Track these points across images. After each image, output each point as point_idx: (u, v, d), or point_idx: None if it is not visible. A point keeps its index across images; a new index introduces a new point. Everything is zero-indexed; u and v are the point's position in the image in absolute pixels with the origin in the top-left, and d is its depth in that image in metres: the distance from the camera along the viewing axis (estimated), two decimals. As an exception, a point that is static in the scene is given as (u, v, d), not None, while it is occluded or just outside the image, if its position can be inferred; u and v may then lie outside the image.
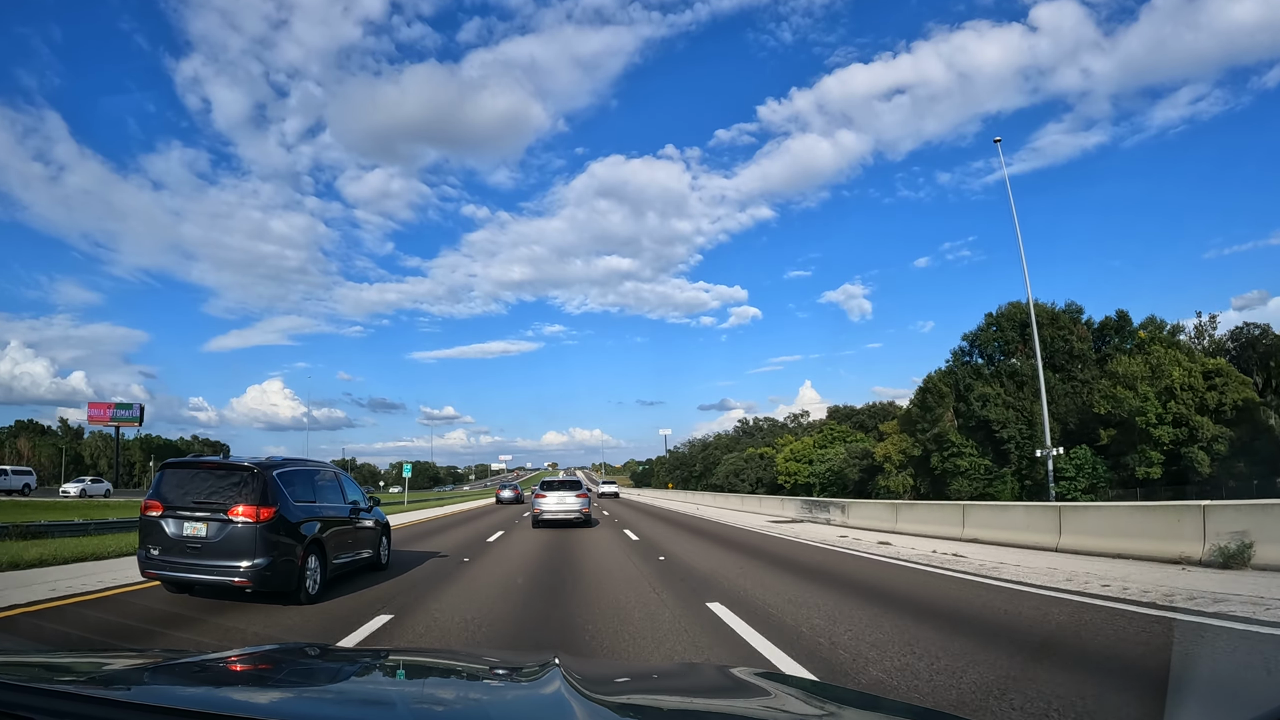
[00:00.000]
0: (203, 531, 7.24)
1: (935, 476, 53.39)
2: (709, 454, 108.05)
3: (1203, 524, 9.44)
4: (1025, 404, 48.66)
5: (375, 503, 10.44)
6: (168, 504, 7.44)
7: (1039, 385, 31.03)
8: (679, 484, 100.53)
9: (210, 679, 1.94)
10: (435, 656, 3.51)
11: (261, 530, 7.13)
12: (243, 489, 7.32)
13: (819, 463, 73.59)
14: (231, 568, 7.08)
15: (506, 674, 2.28)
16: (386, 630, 6.46)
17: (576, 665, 2.27)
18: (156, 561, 7.40)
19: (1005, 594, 8.01)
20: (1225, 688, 4.38)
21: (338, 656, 2.75)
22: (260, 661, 2.36)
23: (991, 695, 4.25)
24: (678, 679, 2.65)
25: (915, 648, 5.49)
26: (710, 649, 5.71)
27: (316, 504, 8.35)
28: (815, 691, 2.27)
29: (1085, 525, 11.75)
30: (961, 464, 51.00)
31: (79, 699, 1.45)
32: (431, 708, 1.87)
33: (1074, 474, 44.80)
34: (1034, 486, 45.79)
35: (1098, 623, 6.28)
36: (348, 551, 8.98)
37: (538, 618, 7.21)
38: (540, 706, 1.84)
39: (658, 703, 2.05)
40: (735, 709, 1.94)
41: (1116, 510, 12.26)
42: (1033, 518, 13.38)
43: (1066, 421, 47.25)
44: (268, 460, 7.79)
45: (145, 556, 7.47)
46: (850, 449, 70.24)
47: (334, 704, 1.84)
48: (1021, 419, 49.02)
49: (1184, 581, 8.05)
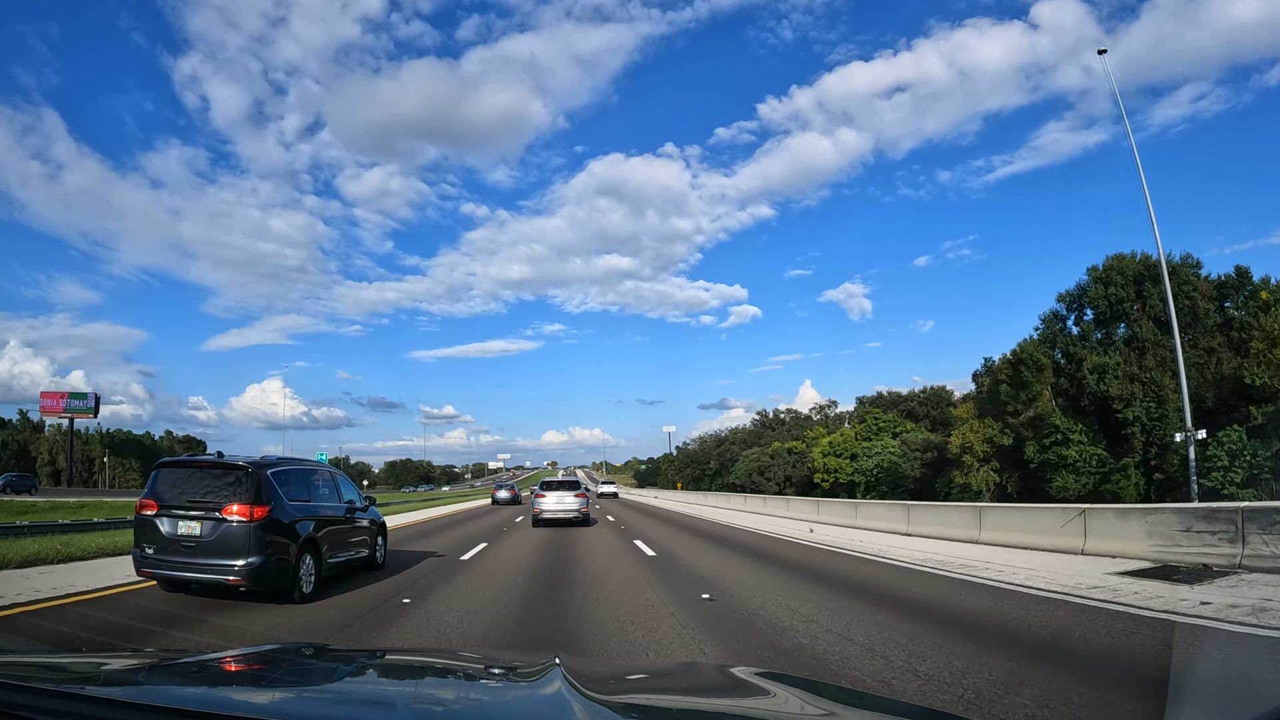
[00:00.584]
0: (197, 530, 7.26)
1: (1029, 471, 43.38)
2: (725, 450, 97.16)
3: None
4: (1150, 376, 39.47)
5: (371, 502, 10.47)
6: (163, 503, 7.47)
7: (1174, 350, 24.97)
8: (690, 483, 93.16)
9: (209, 679, 1.94)
10: (435, 656, 3.50)
11: (255, 529, 7.16)
12: (237, 488, 7.35)
13: (865, 457, 62.56)
14: (225, 566, 7.10)
15: (507, 674, 2.27)
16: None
17: (577, 665, 2.26)
18: (152, 560, 7.44)
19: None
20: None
21: (337, 656, 2.78)
22: (260, 661, 2.35)
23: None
24: (678, 679, 2.64)
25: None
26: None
27: (311, 503, 8.37)
28: (815, 691, 2.29)
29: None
30: (1069, 454, 40.95)
31: (78, 699, 1.45)
32: (431, 708, 1.86)
33: (1227, 463, 34.66)
34: (1165, 481, 38.15)
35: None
36: (343, 551, 9.00)
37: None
38: (541, 706, 1.84)
39: (658, 702, 2.03)
40: (736, 708, 1.93)
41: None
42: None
43: (1201, 398, 37.57)
44: (262, 459, 7.82)
45: (140, 555, 7.51)
46: (907, 440, 59.52)
47: (334, 704, 1.84)
48: (1148, 395, 39.61)
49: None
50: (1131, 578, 8.46)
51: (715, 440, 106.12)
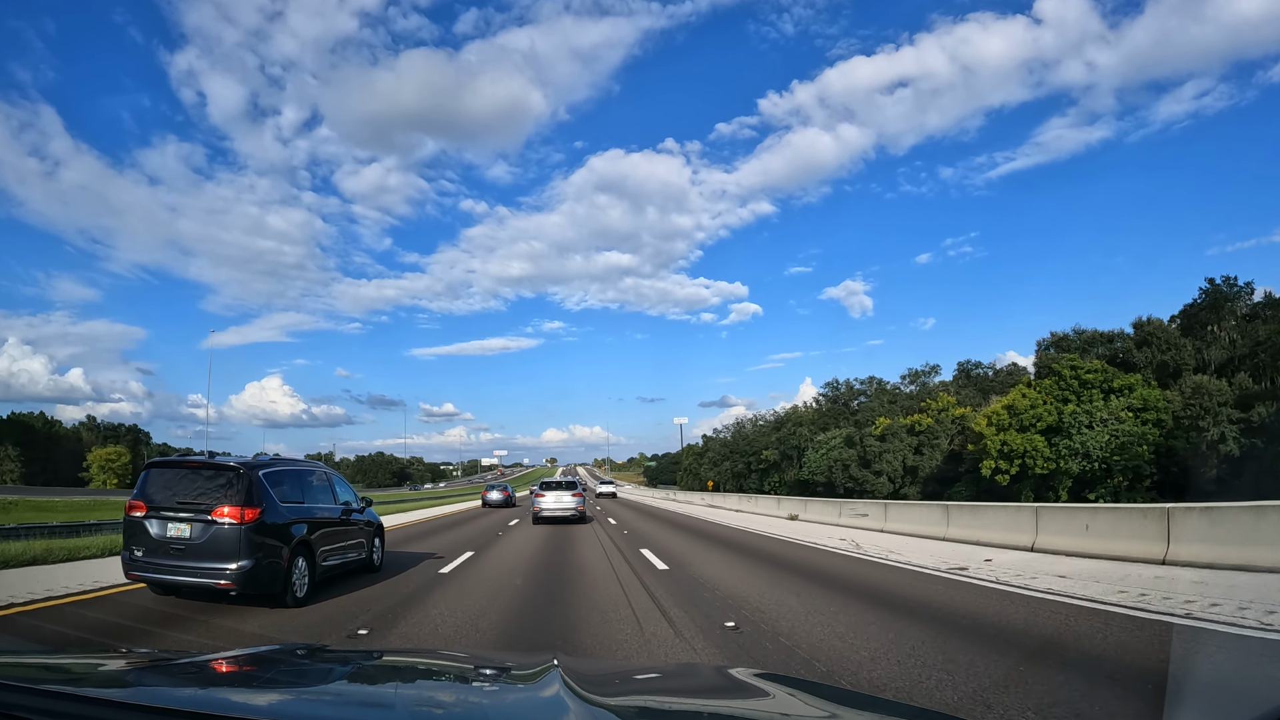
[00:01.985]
0: (186, 533, 7.08)
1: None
2: (787, 435, 70.95)
3: None
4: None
5: (368, 503, 10.29)
6: (152, 504, 7.28)
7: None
8: (727, 481, 72.77)
9: (207, 679, 1.94)
10: (434, 657, 3.47)
11: (246, 531, 6.97)
12: (228, 489, 7.17)
13: (1078, 431, 40.78)
14: (215, 570, 6.92)
15: (505, 675, 2.25)
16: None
17: (575, 666, 2.24)
18: (141, 563, 7.26)
19: None
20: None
21: (335, 657, 2.77)
22: (257, 662, 2.34)
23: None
24: (677, 680, 2.61)
25: None
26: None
27: (305, 505, 8.19)
28: (814, 692, 2.25)
29: None
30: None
31: (75, 699, 1.45)
32: (430, 710, 1.85)
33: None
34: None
35: None
36: (338, 554, 8.82)
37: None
38: (539, 708, 1.82)
39: (657, 704, 2.02)
40: (735, 709, 1.91)
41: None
42: None
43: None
44: (254, 460, 7.65)
45: (129, 558, 7.33)
46: (1139, 401, 38.10)
47: (332, 705, 1.83)
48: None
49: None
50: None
51: (771, 423, 79.37)
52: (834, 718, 1.81)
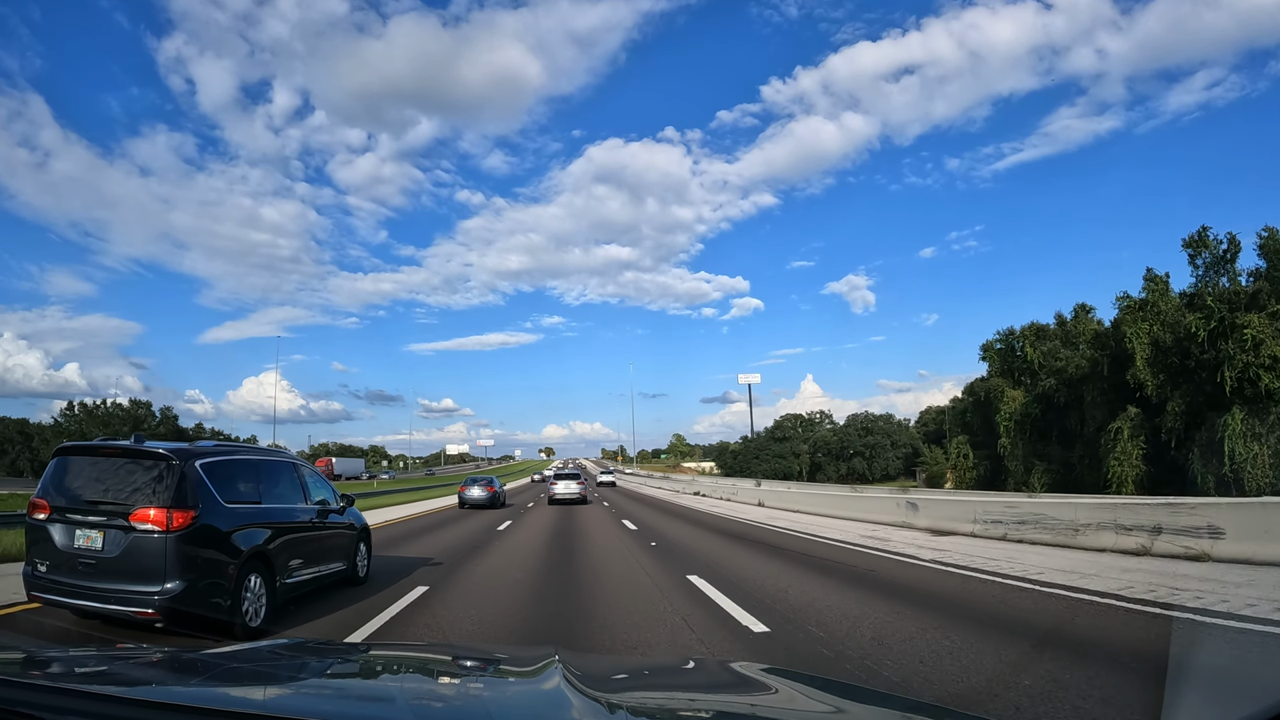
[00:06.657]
0: (98, 543, 5.28)
1: None
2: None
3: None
4: None
5: (349, 502, 8.49)
6: (56, 504, 5.52)
7: None
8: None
9: (210, 675, 1.90)
10: (434, 651, 3.40)
11: (175, 542, 5.16)
12: (154, 485, 5.35)
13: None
14: (133, 594, 5.11)
15: (506, 669, 2.27)
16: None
17: (576, 660, 2.18)
18: (43, 581, 5.50)
19: None
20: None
21: (337, 652, 2.75)
22: (260, 657, 2.30)
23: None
24: (680, 675, 2.54)
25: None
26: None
27: (264, 505, 6.36)
28: (820, 687, 2.12)
29: None
30: None
31: (78, 695, 1.44)
32: (431, 703, 1.84)
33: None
34: None
35: None
36: (309, 566, 7.01)
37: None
38: (540, 702, 1.80)
39: (659, 699, 1.97)
40: (740, 705, 1.89)
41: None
42: None
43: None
44: (192, 447, 5.80)
45: (31, 574, 5.58)
46: None
47: (334, 699, 1.83)
48: None
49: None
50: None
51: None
52: (840, 713, 1.80)
